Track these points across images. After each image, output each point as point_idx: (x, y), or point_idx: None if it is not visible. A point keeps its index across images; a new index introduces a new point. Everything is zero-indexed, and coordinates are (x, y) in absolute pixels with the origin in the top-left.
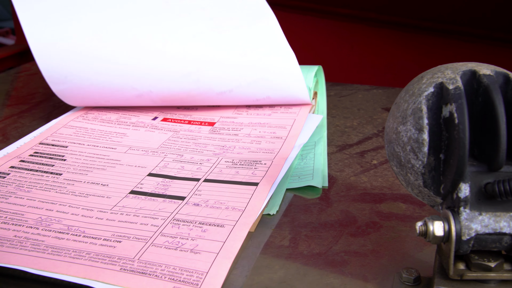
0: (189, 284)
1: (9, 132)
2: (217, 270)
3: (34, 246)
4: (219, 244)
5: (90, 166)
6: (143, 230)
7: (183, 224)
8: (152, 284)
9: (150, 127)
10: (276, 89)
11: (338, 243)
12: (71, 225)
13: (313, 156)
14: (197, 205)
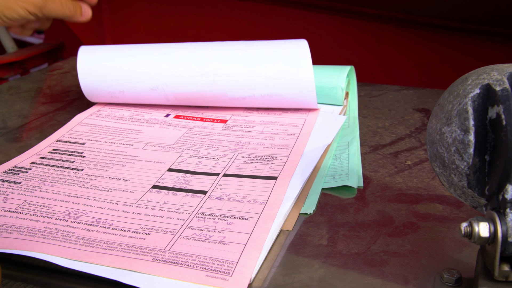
0: (221, 273)
1: (46, 129)
2: (247, 260)
3: (65, 237)
4: (246, 235)
5: (109, 162)
6: (170, 223)
7: (209, 218)
8: (185, 273)
9: (164, 124)
10: (289, 103)
11: (376, 243)
12: (99, 217)
13: (347, 156)
14: (220, 199)
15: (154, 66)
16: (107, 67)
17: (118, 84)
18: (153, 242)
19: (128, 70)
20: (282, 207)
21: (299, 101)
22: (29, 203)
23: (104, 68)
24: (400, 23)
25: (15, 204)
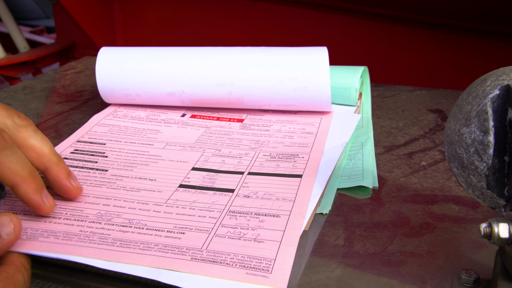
0: (260, 270)
1: (61, 128)
2: (284, 257)
3: (101, 239)
4: (280, 233)
5: (133, 162)
6: (203, 222)
7: (240, 216)
8: (225, 271)
9: (181, 123)
10: (304, 110)
11: (393, 243)
12: (132, 218)
13: (361, 157)
14: (248, 197)
15: (172, 72)
16: (125, 69)
17: (135, 88)
18: (189, 241)
19: (145, 75)
20: (310, 205)
21: (314, 108)
22: (60, 207)
23: (122, 71)
24: (412, 23)
25: None
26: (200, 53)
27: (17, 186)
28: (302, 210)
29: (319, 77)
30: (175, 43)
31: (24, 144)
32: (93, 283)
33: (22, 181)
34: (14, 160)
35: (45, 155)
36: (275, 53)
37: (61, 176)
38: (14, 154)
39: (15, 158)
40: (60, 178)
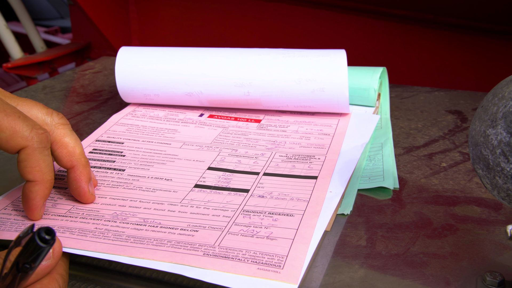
0: (272, 266)
1: (82, 128)
2: (296, 254)
3: (116, 236)
4: (293, 231)
5: (150, 161)
6: (217, 220)
7: (254, 215)
8: (236, 266)
9: (199, 123)
10: (322, 111)
11: (415, 245)
12: (146, 217)
13: (381, 158)
14: (262, 197)
15: (190, 72)
16: (145, 69)
17: (154, 88)
18: (202, 238)
19: (164, 75)
20: (327, 205)
21: (332, 110)
22: (77, 208)
23: (141, 71)
24: (428, 24)
25: (64, 209)
26: (219, 54)
27: (36, 184)
28: (316, 209)
29: (337, 79)
30: (190, 43)
31: (59, 140)
32: (115, 281)
33: (42, 181)
34: (46, 161)
35: (76, 154)
36: (293, 54)
37: (82, 178)
38: (48, 156)
39: (48, 160)
40: (81, 180)
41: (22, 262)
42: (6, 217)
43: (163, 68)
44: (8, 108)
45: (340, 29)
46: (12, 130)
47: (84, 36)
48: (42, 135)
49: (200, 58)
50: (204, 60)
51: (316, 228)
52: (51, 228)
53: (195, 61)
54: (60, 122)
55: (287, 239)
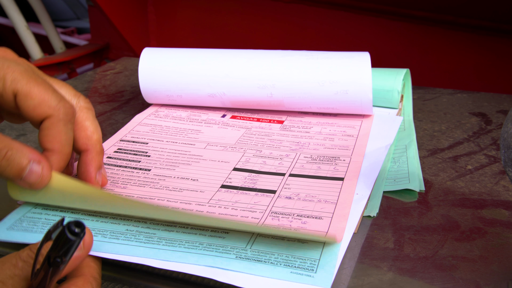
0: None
1: (105, 128)
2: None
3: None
4: (323, 234)
5: (175, 161)
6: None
7: (282, 217)
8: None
9: (221, 124)
10: (344, 112)
11: (444, 248)
12: None
13: (406, 160)
14: (290, 198)
15: (213, 74)
16: (168, 71)
17: (176, 89)
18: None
19: (187, 76)
20: (354, 207)
21: (355, 112)
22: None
23: (164, 72)
24: (449, 25)
25: None
26: (242, 55)
27: (53, 154)
28: (345, 212)
29: (361, 81)
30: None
31: (80, 122)
32: (142, 281)
33: (60, 152)
34: (68, 134)
35: (92, 140)
36: (316, 56)
37: (93, 164)
38: (70, 131)
39: (69, 134)
40: (91, 165)
41: (53, 256)
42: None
43: (187, 69)
44: (40, 79)
45: (360, 30)
46: (41, 99)
47: (102, 37)
48: (69, 108)
49: (224, 59)
50: (227, 61)
51: (345, 231)
52: (80, 221)
53: (219, 62)
54: (85, 106)
55: (318, 242)
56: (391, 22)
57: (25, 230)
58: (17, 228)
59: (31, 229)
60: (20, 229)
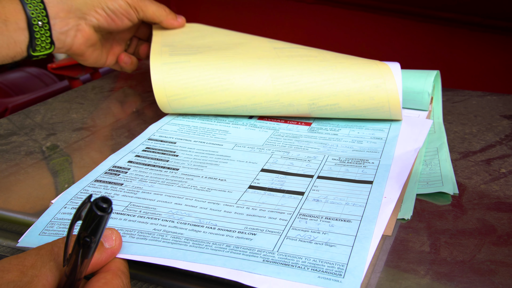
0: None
1: (133, 128)
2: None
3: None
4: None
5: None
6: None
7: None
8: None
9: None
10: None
11: (481, 252)
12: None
13: (438, 162)
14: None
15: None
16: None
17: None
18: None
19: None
20: (383, 211)
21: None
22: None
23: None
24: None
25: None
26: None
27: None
28: (373, 216)
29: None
30: None
31: None
32: (176, 282)
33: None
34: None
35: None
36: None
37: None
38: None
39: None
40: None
41: (83, 236)
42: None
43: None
44: None
45: (384, 32)
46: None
47: None
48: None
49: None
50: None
51: (374, 235)
52: (107, 197)
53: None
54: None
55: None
56: (417, 24)
57: (56, 234)
58: (49, 232)
59: (62, 232)
60: (51, 234)
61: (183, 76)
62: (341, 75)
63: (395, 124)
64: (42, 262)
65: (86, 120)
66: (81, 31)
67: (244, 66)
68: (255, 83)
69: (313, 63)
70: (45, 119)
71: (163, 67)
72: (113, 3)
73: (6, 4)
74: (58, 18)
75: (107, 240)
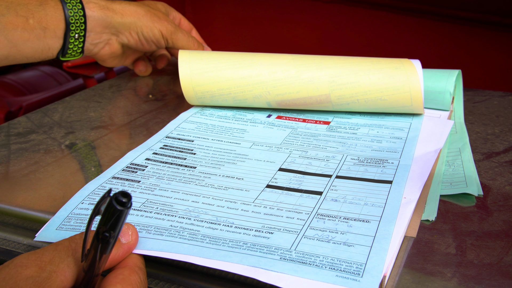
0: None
1: (151, 126)
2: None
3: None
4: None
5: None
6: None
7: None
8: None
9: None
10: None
11: (508, 254)
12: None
13: (461, 163)
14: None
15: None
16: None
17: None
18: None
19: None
20: (403, 211)
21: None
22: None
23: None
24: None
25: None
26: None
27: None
28: (393, 216)
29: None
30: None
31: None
32: (197, 282)
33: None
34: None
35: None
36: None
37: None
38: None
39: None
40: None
41: (102, 231)
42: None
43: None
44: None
45: (400, 31)
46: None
47: None
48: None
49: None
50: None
51: (394, 235)
52: (127, 191)
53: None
54: (173, 14)
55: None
56: (434, 23)
57: (73, 229)
58: (66, 227)
59: (79, 227)
60: (68, 229)
61: (207, 55)
62: (361, 59)
63: (415, 124)
64: (60, 257)
65: (104, 118)
66: (110, 45)
67: (267, 56)
68: (278, 61)
69: (335, 57)
70: (63, 118)
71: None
72: (148, 31)
73: (49, 10)
74: (93, 31)
75: (123, 235)
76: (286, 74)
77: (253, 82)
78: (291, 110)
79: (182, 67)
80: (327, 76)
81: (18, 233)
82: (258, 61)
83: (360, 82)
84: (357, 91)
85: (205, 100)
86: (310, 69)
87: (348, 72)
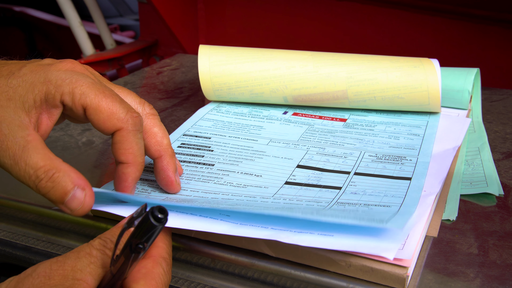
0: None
1: (167, 124)
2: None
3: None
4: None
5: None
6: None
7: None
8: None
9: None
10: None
11: None
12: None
13: (480, 162)
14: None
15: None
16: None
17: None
18: None
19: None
20: (423, 201)
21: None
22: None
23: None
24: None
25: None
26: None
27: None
28: (413, 203)
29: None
30: (257, 42)
31: (149, 130)
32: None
33: (134, 163)
34: (139, 144)
35: (163, 145)
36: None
37: (169, 168)
38: (140, 140)
39: (140, 143)
40: (168, 170)
41: (135, 243)
42: None
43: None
44: (107, 90)
45: (415, 29)
46: (110, 112)
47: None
48: (136, 118)
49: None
50: (288, 56)
51: (414, 217)
52: (164, 207)
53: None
54: (151, 112)
55: None
56: (449, 21)
57: None
58: None
59: None
60: None
61: (227, 49)
62: (379, 57)
63: (432, 122)
64: (82, 265)
65: None
66: None
67: (286, 51)
68: (296, 57)
69: (353, 54)
70: None
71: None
72: None
73: None
74: None
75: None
76: (304, 69)
77: (270, 75)
78: (307, 107)
79: (201, 59)
80: (345, 72)
81: (37, 229)
82: (277, 56)
83: (378, 79)
84: (374, 88)
85: (222, 93)
86: (328, 64)
87: (366, 69)
